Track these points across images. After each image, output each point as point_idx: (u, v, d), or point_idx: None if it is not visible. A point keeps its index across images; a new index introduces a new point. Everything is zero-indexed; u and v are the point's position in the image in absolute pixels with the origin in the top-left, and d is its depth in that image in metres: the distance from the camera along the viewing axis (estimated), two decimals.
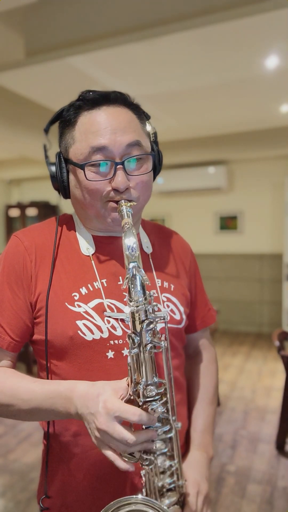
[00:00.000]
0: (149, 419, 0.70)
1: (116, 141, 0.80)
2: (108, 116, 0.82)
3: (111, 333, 0.83)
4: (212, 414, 1.03)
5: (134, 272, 0.72)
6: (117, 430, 0.67)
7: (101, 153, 0.80)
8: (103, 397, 0.70)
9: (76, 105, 0.85)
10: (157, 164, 0.89)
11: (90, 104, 0.83)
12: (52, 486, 0.88)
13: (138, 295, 0.71)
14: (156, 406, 0.71)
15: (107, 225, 0.86)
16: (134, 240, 0.73)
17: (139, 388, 0.71)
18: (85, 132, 0.82)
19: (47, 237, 0.89)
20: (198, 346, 1.08)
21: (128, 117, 0.83)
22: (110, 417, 0.68)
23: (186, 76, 3.25)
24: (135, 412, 0.68)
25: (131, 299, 0.72)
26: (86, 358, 0.83)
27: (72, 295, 0.84)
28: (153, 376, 0.72)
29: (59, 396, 0.75)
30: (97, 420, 0.68)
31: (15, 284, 0.85)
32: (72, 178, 0.85)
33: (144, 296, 0.72)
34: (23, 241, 0.87)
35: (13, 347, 0.85)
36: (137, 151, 0.82)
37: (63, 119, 0.87)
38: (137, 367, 0.71)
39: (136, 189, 0.83)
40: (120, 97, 0.84)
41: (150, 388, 0.71)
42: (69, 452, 0.86)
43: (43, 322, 0.83)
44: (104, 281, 0.86)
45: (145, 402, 0.71)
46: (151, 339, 0.71)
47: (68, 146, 0.85)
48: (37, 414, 0.78)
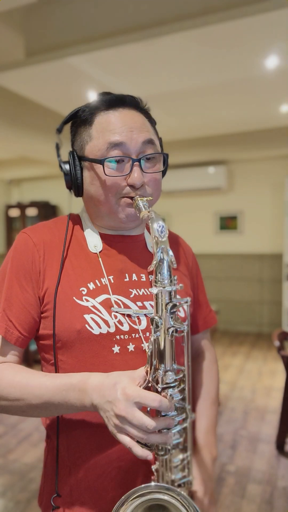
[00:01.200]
0: (168, 405, 0.70)
1: (133, 139, 0.83)
2: (124, 117, 0.85)
3: (117, 328, 0.84)
4: (215, 415, 1.04)
5: (162, 255, 0.73)
6: (137, 416, 0.68)
7: (119, 149, 0.83)
8: (121, 385, 0.70)
9: (92, 106, 0.88)
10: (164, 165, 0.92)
11: (106, 105, 0.86)
12: (60, 484, 0.88)
13: (164, 276, 0.72)
14: (174, 392, 0.71)
15: (120, 221, 0.88)
16: (162, 224, 0.75)
17: (158, 374, 0.71)
18: (102, 130, 0.84)
19: (56, 235, 0.91)
20: (200, 347, 1.10)
21: (142, 119, 0.87)
22: (130, 403, 0.68)
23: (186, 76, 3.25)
24: (155, 398, 0.68)
25: (156, 281, 0.73)
26: (92, 352, 0.83)
27: (80, 290, 0.85)
28: (172, 362, 0.72)
29: (72, 388, 0.75)
30: (116, 407, 0.69)
31: (23, 279, 0.86)
32: (87, 174, 0.87)
33: (170, 279, 0.73)
34: (32, 237, 0.89)
35: (21, 342, 0.86)
36: (151, 150, 0.86)
37: (77, 119, 0.90)
38: (157, 353, 0.72)
39: (150, 186, 0.86)
40: (134, 101, 0.88)
41: (169, 374, 0.71)
42: (77, 449, 0.86)
43: (51, 316, 0.84)
44: (111, 277, 0.88)
45: (163, 388, 0.71)
46: (173, 323, 0.72)
47: (84, 143, 0.87)
48: (48, 408, 0.78)
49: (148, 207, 0.81)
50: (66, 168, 0.89)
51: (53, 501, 0.87)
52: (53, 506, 0.87)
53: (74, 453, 0.87)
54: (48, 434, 0.93)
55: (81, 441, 0.86)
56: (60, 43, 2.82)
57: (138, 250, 0.93)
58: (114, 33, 2.65)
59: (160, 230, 0.74)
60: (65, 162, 0.90)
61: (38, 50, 2.90)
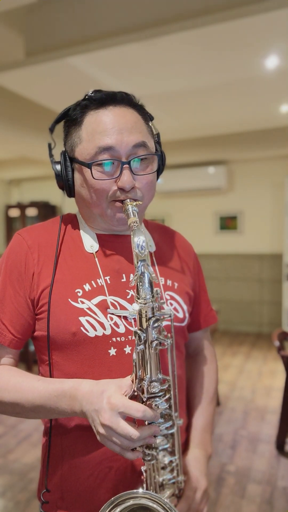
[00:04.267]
0: (152, 415, 0.70)
1: (123, 141, 0.81)
2: (115, 116, 0.82)
3: (113, 330, 0.83)
4: (212, 413, 1.04)
5: (143, 270, 0.72)
6: (121, 426, 0.68)
7: (108, 153, 0.81)
8: (107, 394, 0.70)
9: (82, 104, 0.85)
10: (160, 164, 0.90)
11: (97, 103, 0.84)
12: (52, 480, 0.88)
13: (146, 292, 0.72)
14: (160, 402, 0.71)
15: (112, 224, 0.86)
16: (143, 238, 0.74)
17: (143, 384, 0.72)
18: (92, 132, 0.82)
19: (51, 235, 0.90)
20: (199, 346, 1.10)
21: (134, 118, 0.84)
22: (114, 413, 0.69)
23: (186, 76, 3.25)
24: (139, 408, 0.69)
25: (139, 297, 0.72)
26: (88, 354, 0.83)
27: (76, 292, 0.84)
28: (157, 372, 0.73)
29: (63, 394, 0.75)
30: (101, 416, 0.69)
31: (16, 282, 0.85)
32: (78, 177, 0.86)
33: (151, 294, 0.72)
34: (26, 240, 0.88)
35: (15, 344, 0.85)
36: (143, 152, 0.83)
37: (69, 118, 0.88)
38: (142, 363, 0.72)
39: (141, 188, 0.84)
40: (126, 98, 0.85)
41: (154, 385, 0.71)
42: (70, 447, 0.87)
43: (46, 318, 0.83)
44: (107, 278, 0.87)
45: (148, 398, 0.72)
46: (157, 336, 0.72)
47: (74, 145, 0.85)
48: (41, 412, 0.79)
49: (137, 212, 0.80)
50: (57, 169, 0.88)
51: (43, 496, 0.87)
52: (42, 500, 0.87)
53: (67, 450, 0.87)
54: (46, 430, 0.93)
55: (75, 439, 0.86)
56: (60, 43, 2.82)
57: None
58: (114, 33, 2.65)
59: (140, 245, 0.73)
60: (57, 163, 0.88)
61: (38, 50, 2.90)
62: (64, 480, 0.87)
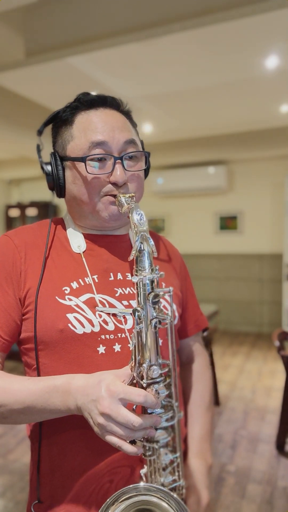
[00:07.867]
0: (154, 400, 0.68)
1: (115, 138, 0.83)
2: (106, 116, 0.85)
3: (102, 327, 0.82)
4: (210, 421, 1.01)
5: (142, 244, 0.72)
6: (122, 413, 0.65)
7: (101, 148, 0.83)
8: (105, 382, 0.68)
9: (72, 105, 0.88)
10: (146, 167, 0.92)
11: (87, 105, 0.86)
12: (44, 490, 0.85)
13: (145, 265, 0.72)
14: (160, 387, 0.69)
15: (103, 220, 0.86)
16: (141, 212, 0.75)
17: (142, 369, 0.70)
18: (83, 129, 0.84)
19: (38, 236, 0.90)
20: (192, 352, 1.07)
21: (123, 120, 0.88)
22: (114, 400, 0.66)
23: (186, 76, 3.25)
24: (140, 393, 0.66)
25: (137, 269, 0.72)
26: (76, 353, 0.81)
27: (63, 289, 0.83)
28: (156, 356, 0.71)
29: (55, 390, 0.72)
30: (100, 404, 0.66)
31: (4, 281, 0.84)
32: (69, 174, 0.87)
33: (150, 267, 0.72)
34: (13, 240, 0.88)
35: (2, 347, 0.82)
36: (133, 149, 0.86)
37: (58, 120, 0.90)
38: (141, 346, 0.71)
39: (133, 184, 0.86)
40: (115, 102, 0.89)
41: (154, 368, 0.70)
42: (60, 455, 0.84)
43: (32, 317, 0.81)
44: (95, 277, 0.86)
45: (148, 384, 0.70)
46: (156, 314, 0.71)
47: (65, 143, 0.87)
48: (31, 413, 0.75)
49: (130, 202, 0.80)
50: (47, 169, 0.89)
51: (33, 508, 0.84)
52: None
53: (56, 460, 0.83)
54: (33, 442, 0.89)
55: (64, 449, 0.83)
56: (60, 43, 2.82)
57: (123, 249, 0.91)
58: (114, 33, 2.65)
59: (139, 218, 0.74)
60: (47, 163, 0.89)
61: (38, 50, 2.90)
62: (56, 490, 0.83)
